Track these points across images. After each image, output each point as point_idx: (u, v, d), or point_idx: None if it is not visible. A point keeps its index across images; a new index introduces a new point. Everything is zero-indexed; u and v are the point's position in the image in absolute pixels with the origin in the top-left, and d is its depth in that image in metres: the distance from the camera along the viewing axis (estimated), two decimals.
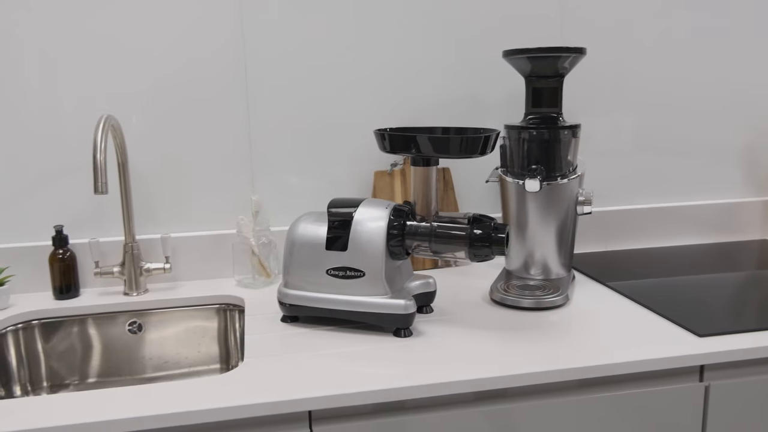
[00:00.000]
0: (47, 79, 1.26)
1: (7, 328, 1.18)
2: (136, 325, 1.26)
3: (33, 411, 0.83)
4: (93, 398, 0.87)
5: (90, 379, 1.25)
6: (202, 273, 1.37)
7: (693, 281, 1.29)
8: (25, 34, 1.24)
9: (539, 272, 1.29)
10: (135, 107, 1.30)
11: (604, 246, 1.55)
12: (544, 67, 1.25)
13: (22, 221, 1.30)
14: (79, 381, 1.24)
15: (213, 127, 1.34)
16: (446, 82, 1.42)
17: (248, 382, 0.90)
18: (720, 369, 0.99)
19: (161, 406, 0.84)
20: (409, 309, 1.03)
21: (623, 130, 1.53)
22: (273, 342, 1.04)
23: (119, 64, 1.28)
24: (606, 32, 1.47)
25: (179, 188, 1.35)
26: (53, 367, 1.23)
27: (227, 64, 1.32)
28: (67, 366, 1.23)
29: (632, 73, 1.51)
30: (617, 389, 0.98)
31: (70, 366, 1.24)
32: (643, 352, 0.97)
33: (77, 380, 1.24)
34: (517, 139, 1.26)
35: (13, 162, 1.28)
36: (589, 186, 1.54)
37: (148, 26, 1.28)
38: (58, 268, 1.27)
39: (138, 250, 1.29)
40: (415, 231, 1.05)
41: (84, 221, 1.32)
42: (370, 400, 0.88)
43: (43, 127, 1.27)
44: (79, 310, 1.23)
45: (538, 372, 0.92)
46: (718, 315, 1.09)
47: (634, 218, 1.55)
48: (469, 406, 0.93)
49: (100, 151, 1.08)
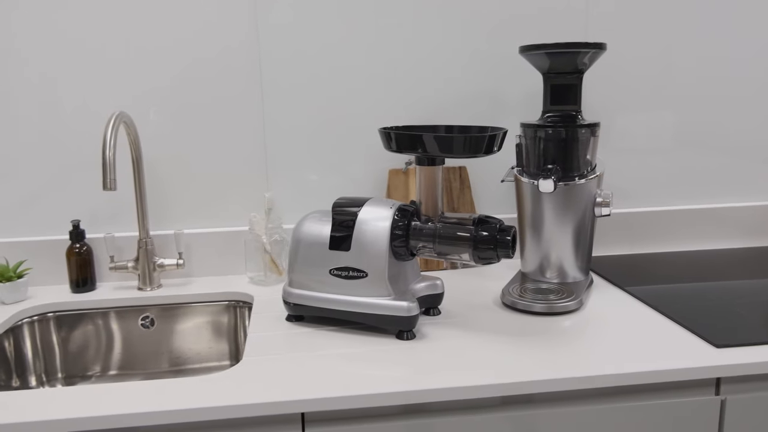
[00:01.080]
0: (68, 78, 1.28)
1: (23, 320, 1.21)
2: (148, 320, 1.28)
3: (35, 404, 0.85)
4: (87, 393, 0.87)
5: (103, 372, 1.27)
6: (216, 269, 1.38)
7: (721, 287, 1.23)
8: (48, 34, 1.26)
9: (555, 275, 1.25)
10: (153, 105, 1.31)
11: (629, 249, 1.50)
12: (562, 64, 1.21)
13: (41, 216, 1.32)
14: (92, 374, 1.26)
15: (229, 125, 1.34)
16: (464, 79, 1.39)
17: (242, 381, 0.90)
18: (738, 382, 0.94)
19: (151, 404, 0.84)
20: (412, 311, 1.01)
21: (657, 128, 1.47)
22: (274, 341, 1.03)
23: (138, 62, 1.29)
24: (634, 24, 1.42)
25: (195, 185, 1.36)
26: (67, 359, 1.25)
27: (243, 63, 1.32)
28: (81, 358, 1.26)
29: (667, 68, 1.44)
30: (626, 400, 0.93)
31: (84, 358, 1.26)
32: (654, 362, 0.92)
33: (90, 372, 1.26)
34: (533, 137, 1.22)
35: (33, 158, 1.30)
36: (618, 185, 1.49)
37: (167, 26, 1.29)
38: (74, 262, 1.29)
39: (152, 245, 1.30)
40: (420, 232, 1.03)
41: (102, 216, 1.34)
42: (364, 404, 0.86)
43: (62, 125, 1.30)
44: (94, 304, 1.25)
45: (539, 380, 0.89)
46: (742, 325, 1.03)
47: (665, 220, 1.49)
48: (466, 413, 0.91)
49: (110, 148, 1.09)
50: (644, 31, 1.42)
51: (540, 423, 0.92)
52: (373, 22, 1.34)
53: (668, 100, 1.46)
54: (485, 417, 0.91)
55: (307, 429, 0.88)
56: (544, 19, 1.39)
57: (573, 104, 1.24)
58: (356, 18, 1.34)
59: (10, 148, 1.29)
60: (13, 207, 1.32)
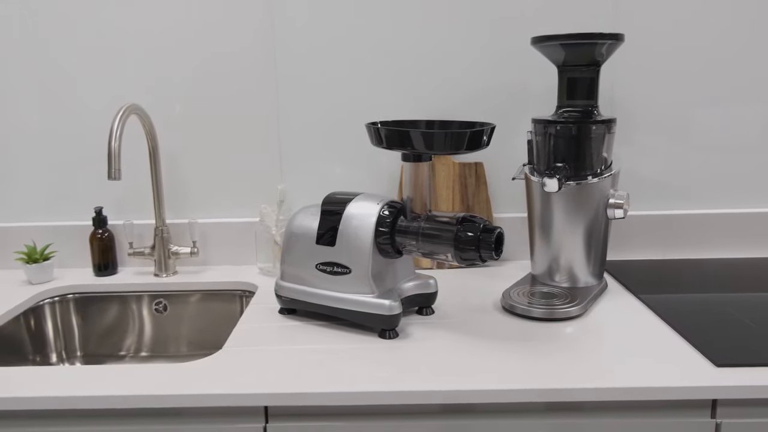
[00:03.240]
0: (93, 74, 1.34)
1: (44, 300, 1.28)
2: (161, 305, 1.32)
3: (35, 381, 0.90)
4: (78, 373, 0.91)
5: (119, 353, 1.32)
6: (231, 259, 1.41)
7: (748, 300, 1.12)
8: (75, 34, 1.32)
9: (565, 279, 1.19)
10: (171, 98, 1.35)
11: (662, 254, 1.40)
12: (578, 56, 1.14)
13: (69, 201, 1.40)
14: (107, 354, 1.32)
15: (244, 117, 1.36)
16: (482, 71, 1.34)
17: (213, 370, 0.91)
18: (736, 406, 0.86)
19: (120, 388, 0.86)
20: (393, 310, 0.99)
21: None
22: (259, 333, 1.04)
23: (158, 57, 1.34)
24: (676, 16, 1.32)
25: (212, 176, 1.39)
26: (86, 338, 1.32)
27: (258, 57, 1.33)
28: (98, 339, 1.32)
29: (719, 60, 1.34)
30: (611, 416, 0.87)
31: (101, 339, 1.32)
32: (643, 378, 0.86)
33: (106, 353, 1.32)
34: (543, 133, 1.16)
35: (61, 147, 1.38)
36: (654, 185, 1.39)
37: (185, 20, 1.32)
38: (97, 247, 1.35)
39: (168, 233, 1.35)
40: (406, 230, 1.00)
41: (127, 204, 1.40)
42: (326, 402, 0.85)
43: (89, 116, 1.36)
44: (111, 288, 1.31)
45: (513, 390, 0.84)
46: (754, 343, 0.94)
47: (706, 224, 1.38)
48: (430, 418, 0.88)
49: (115, 139, 1.13)
50: (693, 21, 1.32)
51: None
52: (389, 15, 1.32)
53: (723, 94, 1.35)
54: (446, 423, 0.87)
55: (270, 422, 0.88)
56: (574, 6, 1.31)
57: (589, 99, 1.17)
58: (371, 11, 1.32)
59: (41, 140, 1.37)
60: (43, 193, 1.39)
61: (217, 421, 0.88)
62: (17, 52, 1.34)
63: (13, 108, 1.36)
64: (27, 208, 1.40)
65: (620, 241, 1.39)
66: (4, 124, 1.37)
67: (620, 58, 1.33)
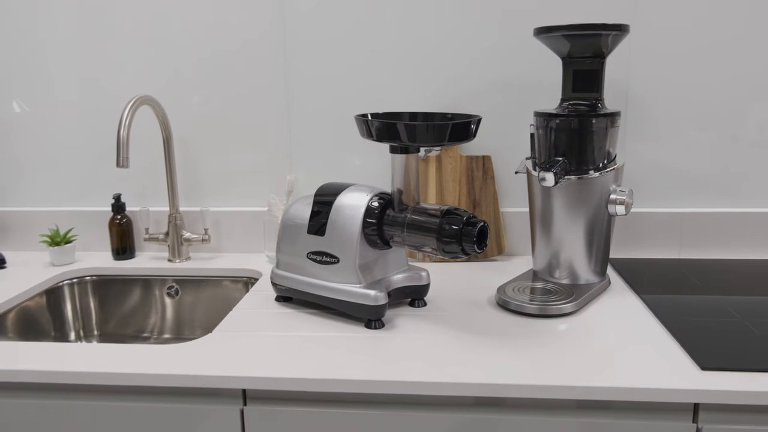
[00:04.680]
0: (115, 69, 1.40)
1: (63, 281, 1.35)
2: (173, 290, 1.37)
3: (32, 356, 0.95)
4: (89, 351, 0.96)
5: (135, 333, 1.38)
6: (242, 246, 1.44)
7: (759, 304, 1.07)
8: (95, 25, 1.38)
9: (565, 275, 1.17)
10: (187, 89, 1.39)
11: (679, 253, 1.35)
12: (583, 47, 1.12)
13: (91, 188, 1.46)
14: (122, 334, 1.38)
15: (256, 109, 1.39)
16: (494, 63, 1.33)
17: (199, 353, 0.94)
18: (718, 411, 0.83)
19: (109, 366, 0.91)
20: (378, 301, 1.00)
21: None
22: (251, 319, 1.07)
23: (171, 49, 1.38)
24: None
25: (226, 165, 1.42)
26: (102, 318, 1.38)
27: (269, 49, 1.36)
28: (113, 319, 1.38)
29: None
30: (591, 416, 0.86)
31: (115, 320, 1.38)
32: (626, 378, 0.83)
33: (121, 333, 1.38)
34: (544, 127, 1.14)
35: (84, 137, 1.44)
36: (671, 181, 1.34)
37: (199, 14, 1.36)
38: (115, 232, 1.41)
39: (181, 220, 1.39)
40: (392, 221, 1.01)
41: (146, 191, 1.45)
42: (300, 387, 0.87)
43: (108, 107, 1.42)
44: (126, 271, 1.37)
45: (484, 384, 0.84)
46: (748, 348, 0.90)
47: (728, 222, 1.33)
48: (400, 408, 0.88)
49: (124, 128, 1.17)
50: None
51: (480, 428, 0.87)
52: (401, 5, 1.32)
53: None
54: (415, 414, 0.88)
55: (248, 405, 0.90)
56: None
57: (594, 91, 1.14)
58: (382, 2, 1.32)
59: (66, 130, 1.44)
60: (67, 180, 1.46)
61: (197, 401, 0.91)
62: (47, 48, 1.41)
63: (43, 100, 1.43)
64: (52, 193, 1.47)
65: (635, 238, 1.35)
66: (33, 116, 1.44)
67: (638, 50, 1.29)
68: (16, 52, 1.41)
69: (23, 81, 1.43)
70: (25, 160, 1.47)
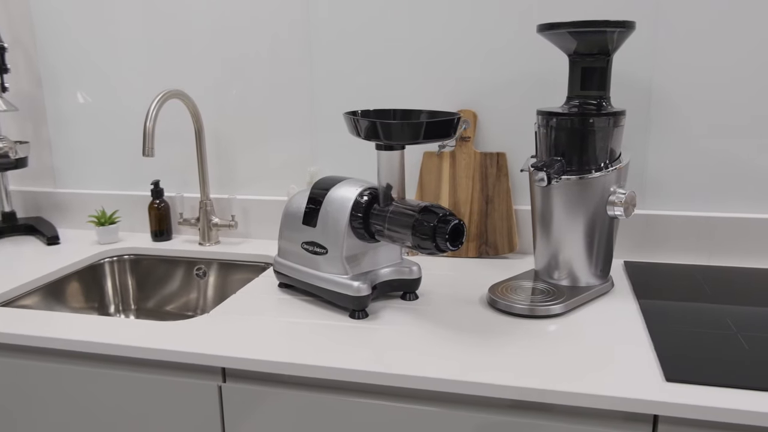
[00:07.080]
0: (156, 67, 1.51)
1: (104, 258, 1.48)
2: (201, 271, 1.47)
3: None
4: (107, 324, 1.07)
5: (163, 308, 1.49)
6: (269, 233, 1.52)
7: (764, 315, 1.02)
8: (135, 24, 1.50)
9: (564, 276, 1.15)
10: (223, 85, 1.48)
11: (707, 259, 1.29)
12: (588, 44, 1.09)
13: (138, 175, 1.59)
14: (155, 310, 1.49)
15: (282, 103, 1.45)
16: (512, 60, 1.31)
17: (190, 331, 1.01)
18: (678, 424, 0.80)
19: (108, 336, 1.00)
20: (361, 292, 1.03)
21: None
22: (248, 303, 1.13)
23: (207, 47, 1.47)
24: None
25: (256, 156, 1.50)
26: (138, 294, 1.50)
27: (293, 47, 1.42)
28: (147, 295, 1.49)
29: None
30: (552, 419, 0.85)
31: (149, 296, 1.49)
32: (589, 384, 0.82)
33: (154, 308, 1.49)
34: (546, 125, 1.12)
35: (129, 127, 1.56)
36: (698, 185, 1.28)
37: (230, 14, 1.44)
38: (154, 215, 1.53)
39: (211, 207, 1.48)
40: (377, 215, 1.04)
41: (183, 179, 1.56)
42: (273, 369, 0.92)
43: (149, 101, 1.53)
44: (160, 252, 1.48)
45: (447, 380, 0.85)
46: (726, 361, 0.86)
47: (760, 229, 1.25)
48: (368, 397, 0.91)
49: (150, 119, 1.27)
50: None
51: (437, 425, 0.89)
52: (421, 3, 1.33)
53: None
54: (384, 404, 0.90)
55: (227, 382, 0.97)
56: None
57: (600, 89, 1.11)
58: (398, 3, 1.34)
59: (111, 121, 1.57)
60: (114, 166, 1.59)
61: (181, 375, 0.98)
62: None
63: (103, 96, 1.57)
64: (100, 178, 1.61)
65: (659, 242, 1.30)
66: (88, 107, 1.58)
67: (664, 52, 1.24)
68: (87, 52, 1.55)
69: (89, 77, 1.56)
70: (83, 148, 1.61)
